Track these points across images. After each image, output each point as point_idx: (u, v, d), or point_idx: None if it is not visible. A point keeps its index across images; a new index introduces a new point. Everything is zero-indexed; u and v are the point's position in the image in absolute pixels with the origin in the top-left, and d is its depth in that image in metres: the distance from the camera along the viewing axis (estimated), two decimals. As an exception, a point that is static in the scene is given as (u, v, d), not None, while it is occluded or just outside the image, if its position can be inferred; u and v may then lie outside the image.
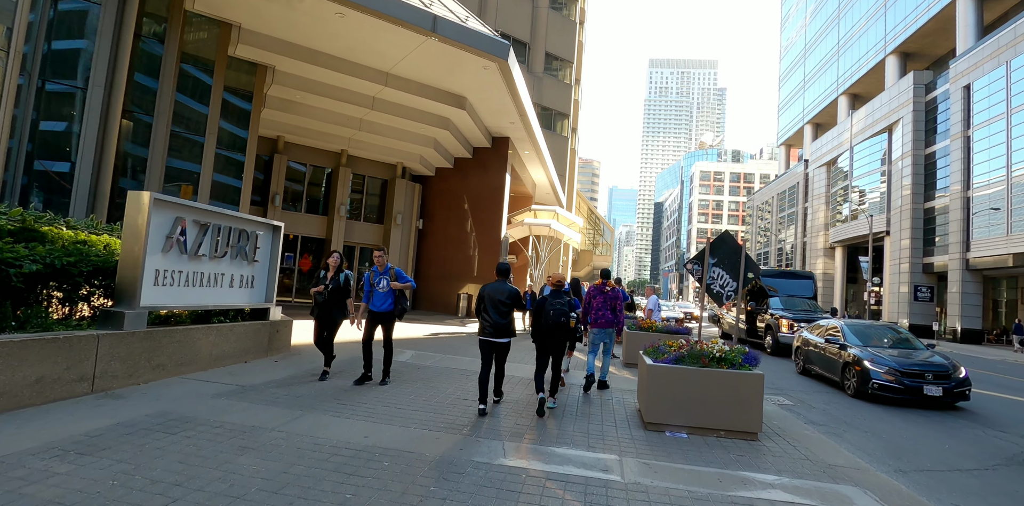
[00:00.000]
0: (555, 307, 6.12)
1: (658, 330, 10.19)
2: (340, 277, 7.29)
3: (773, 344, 15.13)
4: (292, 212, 18.26)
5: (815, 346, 11.10)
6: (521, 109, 17.98)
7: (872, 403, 8.83)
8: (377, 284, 6.98)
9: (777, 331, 15.03)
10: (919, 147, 37.59)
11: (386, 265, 7.07)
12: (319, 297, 7.21)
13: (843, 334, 10.30)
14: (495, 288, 6.13)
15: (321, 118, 16.68)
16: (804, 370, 11.63)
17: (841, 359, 9.87)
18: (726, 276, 8.30)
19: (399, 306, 7.09)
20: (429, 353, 9.84)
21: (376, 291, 7.00)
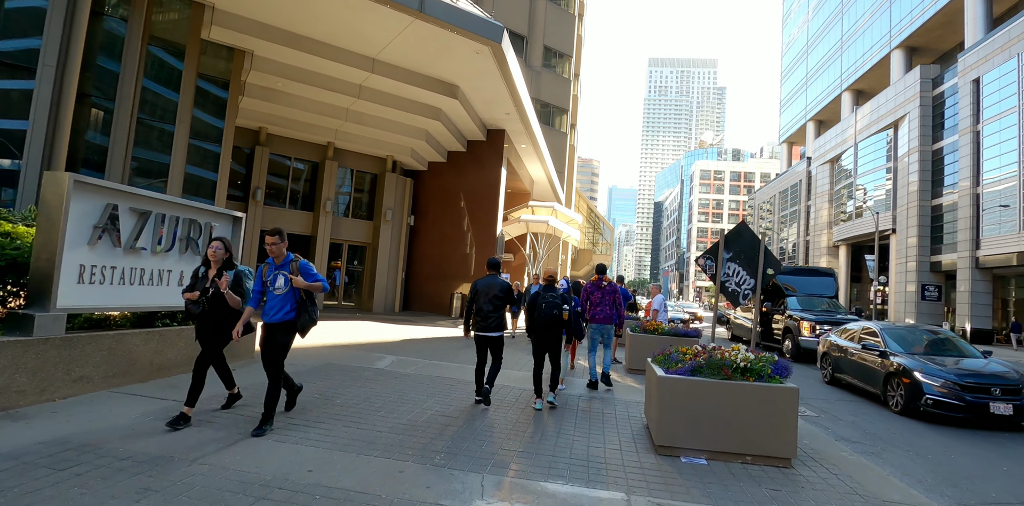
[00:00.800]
0: (548, 300, 6.14)
1: (664, 333, 9.27)
2: (228, 276, 4.79)
3: (793, 349, 13.79)
4: (276, 208, 17.34)
5: (847, 352, 9.74)
6: (517, 99, 17.07)
7: (907, 415, 7.82)
8: (272, 283, 4.68)
9: (798, 334, 13.63)
10: (926, 143, 36.69)
11: (286, 255, 4.78)
12: (193, 307, 4.78)
13: (883, 339, 8.93)
14: (487, 282, 6.16)
15: (305, 108, 15.76)
16: (833, 379, 10.26)
17: (883, 369, 8.47)
18: (743, 273, 7.39)
19: (304, 316, 4.72)
20: (412, 359, 8.92)
21: (270, 293, 4.68)
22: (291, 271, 4.68)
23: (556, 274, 6.64)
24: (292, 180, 17.80)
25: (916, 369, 7.78)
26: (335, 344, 9.91)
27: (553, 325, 6.15)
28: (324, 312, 16.66)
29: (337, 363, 7.91)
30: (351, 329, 12.53)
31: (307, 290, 4.72)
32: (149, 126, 11.81)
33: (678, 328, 9.34)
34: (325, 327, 12.38)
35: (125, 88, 11.05)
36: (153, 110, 11.99)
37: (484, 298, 6.07)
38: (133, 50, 11.16)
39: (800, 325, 13.69)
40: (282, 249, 4.77)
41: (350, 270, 19.23)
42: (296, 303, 4.71)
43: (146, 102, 11.77)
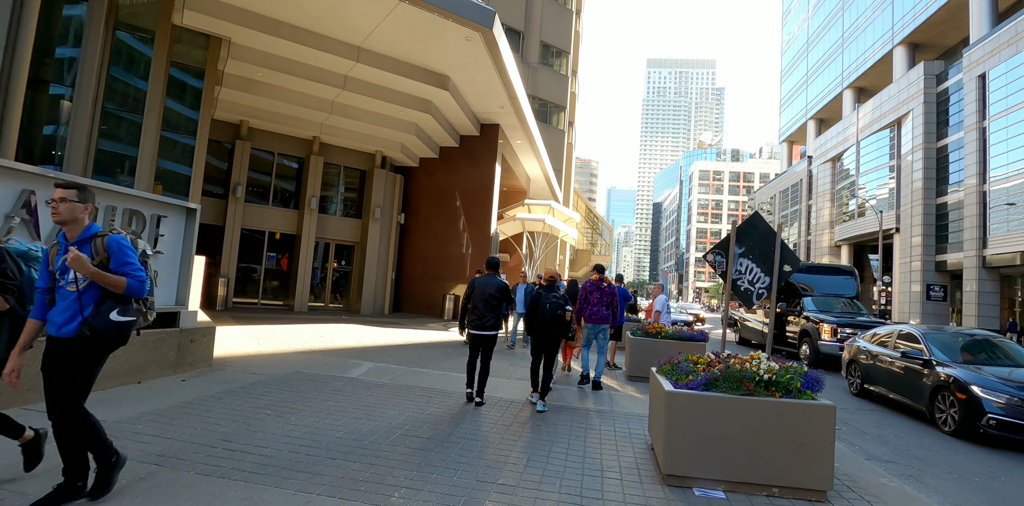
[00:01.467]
0: (551, 301, 6.14)
1: (668, 336, 8.49)
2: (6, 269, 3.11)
3: (812, 354, 12.65)
4: (258, 205, 16.55)
5: (880, 360, 8.57)
6: (511, 90, 16.30)
7: (961, 438, 6.69)
8: (62, 274, 2.91)
9: (817, 338, 12.45)
10: (931, 140, 36.01)
11: (88, 226, 3.00)
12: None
13: (926, 346, 7.76)
14: (485, 281, 6.22)
15: (288, 99, 14.99)
16: (862, 391, 9.07)
17: (929, 381, 7.27)
18: (756, 270, 6.61)
19: (103, 322, 2.87)
20: (391, 366, 8.12)
21: (61, 290, 2.93)
22: (93, 253, 2.89)
23: (558, 274, 6.62)
24: (276, 176, 17.01)
25: (973, 383, 6.60)
26: (310, 350, 9.12)
27: (555, 326, 6.14)
28: (309, 315, 15.89)
29: (306, 371, 7.12)
30: (332, 333, 11.74)
31: (109, 287, 2.87)
32: (115, 116, 11.03)
33: (683, 331, 8.57)
34: (304, 331, 11.61)
35: (86, 75, 10.27)
36: (120, 99, 11.22)
37: (480, 297, 6.13)
38: (95, 34, 10.37)
39: (819, 328, 12.51)
40: (77, 212, 2.93)
41: (338, 270, 18.44)
42: (97, 304, 2.89)
43: (111, 91, 11.00)
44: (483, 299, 6.11)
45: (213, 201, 15.84)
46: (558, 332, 6.19)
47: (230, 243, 15.49)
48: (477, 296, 6.15)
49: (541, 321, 6.14)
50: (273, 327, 11.79)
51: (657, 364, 4.96)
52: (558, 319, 6.13)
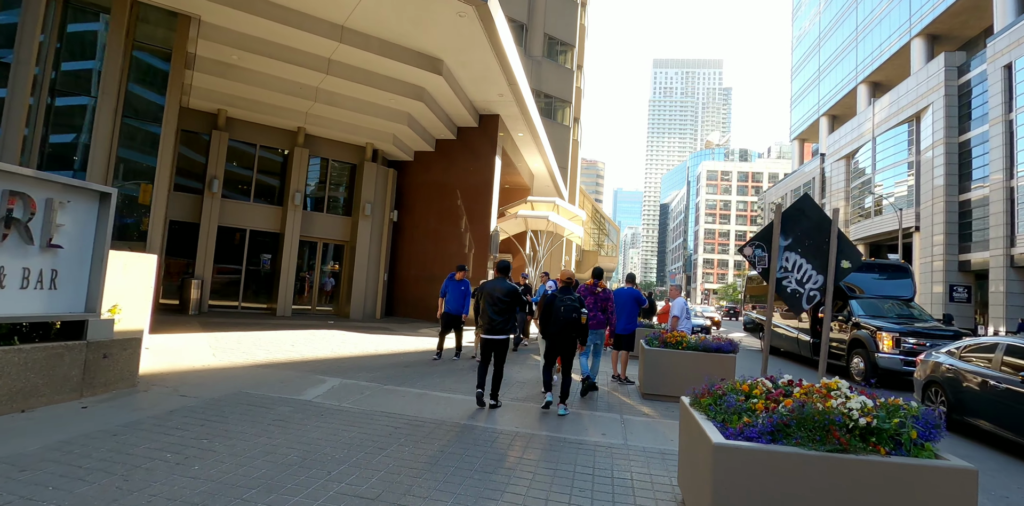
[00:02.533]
0: (565, 303, 6.02)
1: (691, 347, 7.16)
2: None
3: (867, 369, 10.46)
4: (237, 201, 15.32)
5: (986, 385, 6.33)
6: (510, 76, 15.03)
7: None
8: None
9: (874, 350, 10.26)
10: (952, 134, 34.46)
11: None
12: None
13: None
14: (494, 285, 6.15)
15: (268, 86, 13.78)
16: (950, 421, 6.90)
17: None
18: (807, 266, 5.30)
19: None
20: (362, 383, 6.84)
21: None
22: None
23: (574, 277, 6.46)
24: (258, 170, 15.78)
25: None
26: (273, 362, 7.86)
27: (570, 328, 6.00)
28: (292, 319, 14.65)
29: (252, 392, 5.85)
30: (308, 340, 10.48)
31: None
32: (62, 99, 9.82)
33: (708, 341, 7.23)
34: (277, 338, 10.36)
35: (25, 50, 9.09)
36: (69, 81, 10.03)
37: (489, 301, 6.05)
38: (35, 6, 9.20)
39: (877, 337, 10.34)
40: None
41: (326, 271, 17.20)
42: None
43: (59, 71, 9.81)
44: (492, 303, 6.02)
45: (188, 196, 14.64)
46: (573, 335, 6.02)
47: (206, 242, 14.27)
48: (486, 300, 6.07)
49: (556, 324, 5.99)
50: (243, 334, 10.54)
51: (691, 393, 3.65)
52: (573, 322, 5.96)
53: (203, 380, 6.28)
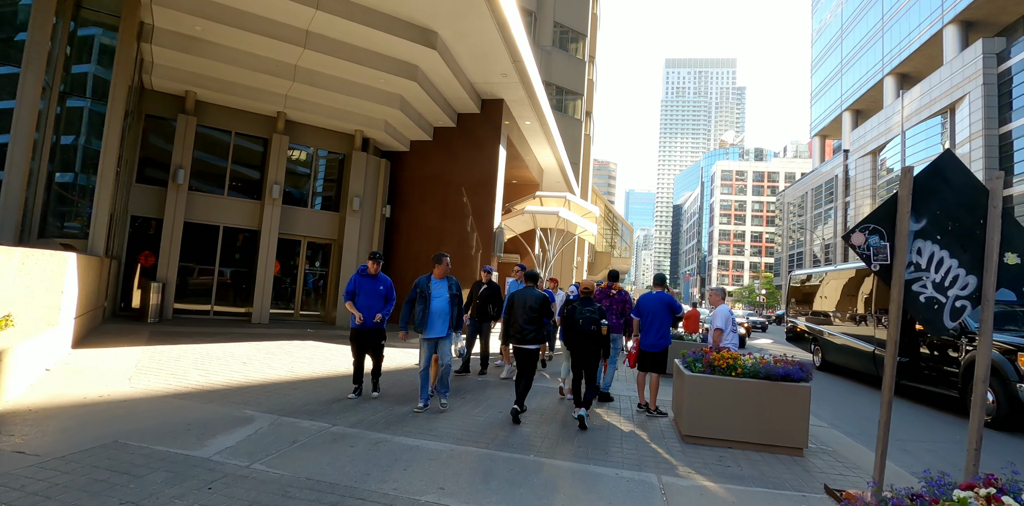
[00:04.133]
0: (585, 315, 5.92)
1: (747, 373, 5.31)
2: None
3: (1003, 407, 7.40)
4: (207, 194, 13.61)
5: None
6: (514, 51, 13.27)
7: None
8: None
9: (1016, 379, 7.22)
10: (991, 126, 32.25)
11: None
12: None
13: None
14: (524, 294, 6.18)
15: (239, 63, 12.11)
16: None
17: None
18: (950, 262, 3.43)
19: None
20: (303, 424, 5.06)
21: None
22: None
23: (593, 287, 6.33)
24: (233, 160, 14.09)
25: None
26: (200, 389, 6.12)
27: (590, 340, 5.88)
28: (267, 327, 12.95)
29: (133, 443, 4.12)
30: (268, 357, 8.75)
31: None
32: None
33: (771, 365, 5.37)
34: (230, 354, 8.64)
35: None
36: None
37: (519, 310, 6.08)
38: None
39: (1020, 361, 7.21)
40: None
41: (310, 273, 15.49)
42: None
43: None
44: (522, 312, 6.05)
45: (149, 189, 13.01)
46: (593, 347, 5.88)
47: (170, 239, 12.61)
48: (516, 309, 6.11)
49: (576, 337, 5.92)
50: (191, 348, 8.83)
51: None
52: (593, 334, 5.86)
53: (79, 420, 4.56)
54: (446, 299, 5.93)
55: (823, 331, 13.07)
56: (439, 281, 5.99)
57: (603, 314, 5.98)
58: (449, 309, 5.93)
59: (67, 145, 10.21)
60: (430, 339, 5.89)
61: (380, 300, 6.30)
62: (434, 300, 5.86)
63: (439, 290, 5.92)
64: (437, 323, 5.85)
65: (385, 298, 6.37)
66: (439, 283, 5.98)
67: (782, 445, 5.14)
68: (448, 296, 5.96)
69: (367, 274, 6.35)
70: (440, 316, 5.86)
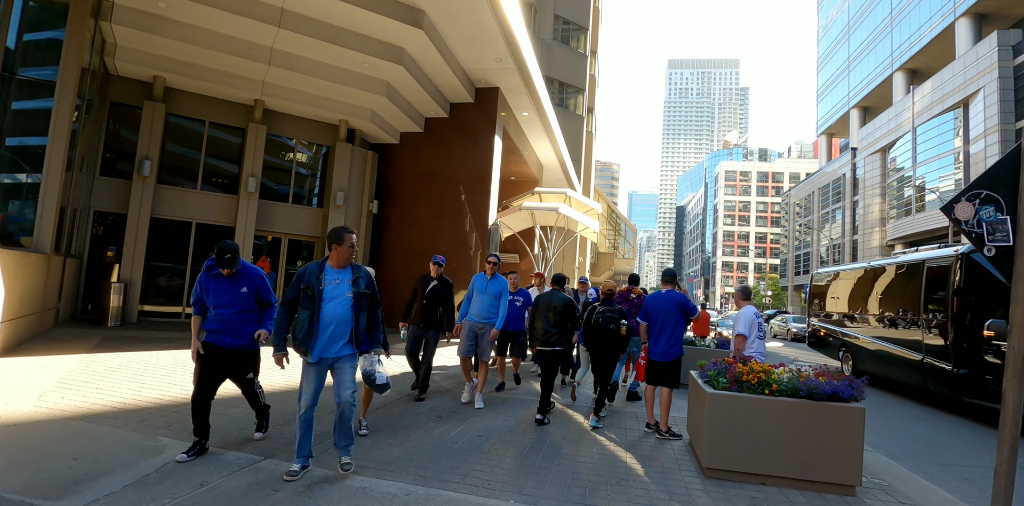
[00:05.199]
0: (604, 315, 5.91)
1: (783, 390, 4.27)
2: None
3: None
4: (177, 188, 12.59)
5: None
6: (509, 34, 12.28)
7: None
8: None
9: None
10: (1008, 120, 31.09)
11: None
12: None
13: None
14: (549, 297, 6.12)
15: (210, 44, 11.15)
16: None
17: None
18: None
19: None
20: (226, 457, 4.04)
21: None
22: None
23: (615, 288, 6.38)
24: (207, 152, 13.10)
25: None
26: (122, 407, 5.12)
27: (607, 340, 5.86)
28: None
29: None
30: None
31: None
32: None
33: (813, 381, 4.32)
34: (181, 362, 7.64)
35: None
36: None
37: (543, 314, 6.05)
38: None
39: None
40: None
41: (292, 272, 14.48)
42: None
43: None
44: (544, 315, 6.03)
45: (115, 182, 12.03)
46: (610, 346, 5.87)
47: (135, 236, 11.62)
48: (540, 312, 6.09)
49: (593, 336, 5.92)
50: (136, 356, 7.83)
51: None
52: (611, 333, 5.82)
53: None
54: (347, 301, 3.83)
55: (855, 336, 11.70)
56: (338, 272, 3.88)
57: (623, 314, 5.90)
58: (352, 316, 3.84)
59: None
60: (319, 363, 3.82)
61: (247, 305, 4.17)
62: (327, 303, 3.78)
63: (336, 286, 3.83)
64: (329, 337, 3.79)
65: (261, 302, 4.28)
66: (337, 274, 3.87)
67: (829, 481, 4.10)
68: (350, 295, 3.85)
69: (215, 273, 4.11)
70: (336, 326, 3.80)
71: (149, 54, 11.45)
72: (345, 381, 3.85)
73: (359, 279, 3.92)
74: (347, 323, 3.84)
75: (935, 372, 8.46)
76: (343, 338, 3.85)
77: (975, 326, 7.83)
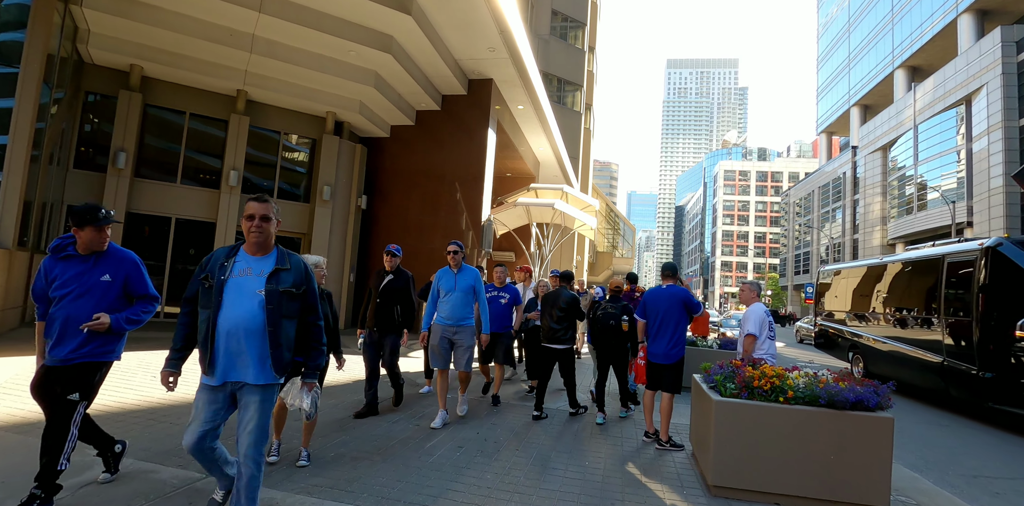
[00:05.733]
0: (607, 311, 5.89)
1: (800, 396, 3.75)
2: None
3: None
4: (155, 182, 12.04)
5: None
6: (501, 21, 11.78)
7: None
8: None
9: None
10: (1011, 117, 30.67)
11: None
12: None
13: None
14: (554, 294, 6.10)
15: (188, 31, 10.62)
16: None
17: None
18: None
19: None
20: (163, 473, 3.53)
21: None
22: None
23: (623, 285, 6.43)
24: (187, 145, 12.57)
25: None
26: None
27: (610, 336, 5.81)
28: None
29: None
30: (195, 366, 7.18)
31: None
32: None
33: (834, 387, 3.81)
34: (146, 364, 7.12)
35: None
36: None
37: (548, 310, 6.00)
38: None
39: None
40: None
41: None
42: None
43: None
44: (549, 311, 5.98)
45: (90, 175, 11.51)
46: (613, 342, 5.80)
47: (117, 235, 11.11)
48: (546, 309, 6.03)
49: (598, 333, 5.92)
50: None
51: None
52: (612, 329, 5.79)
53: None
54: (256, 300, 2.65)
55: (866, 336, 11.03)
56: (256, 260, 2.75)
57: (627, 310, 5.82)
58: (263, 323, 2.64)
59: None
60: (221, 388, 2.67)
61: (106, 300, 3.04)
62: (227, 300, 2.63)
63: (245, 278, 2.69)
64: (226, 352, 2.62)
65: (130, 297, 3.19)
66: (253, 263, 2.74)
67: (852, 502, 3.60)
68: (262, 293, 2.67)
69: (67, 254, 3.03)
70: (237, 337, 2.61)
71: (125, 41, 10.92)
72: (249, 426, 2.59)
73: (282, 272, 2.71)
74: (256, 333, 2.60)
75: (957, 375, 7.86)
76: (249, 355, 2.60)
77: (1003, 326, 7.19)
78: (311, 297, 2.83)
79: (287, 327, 2.71)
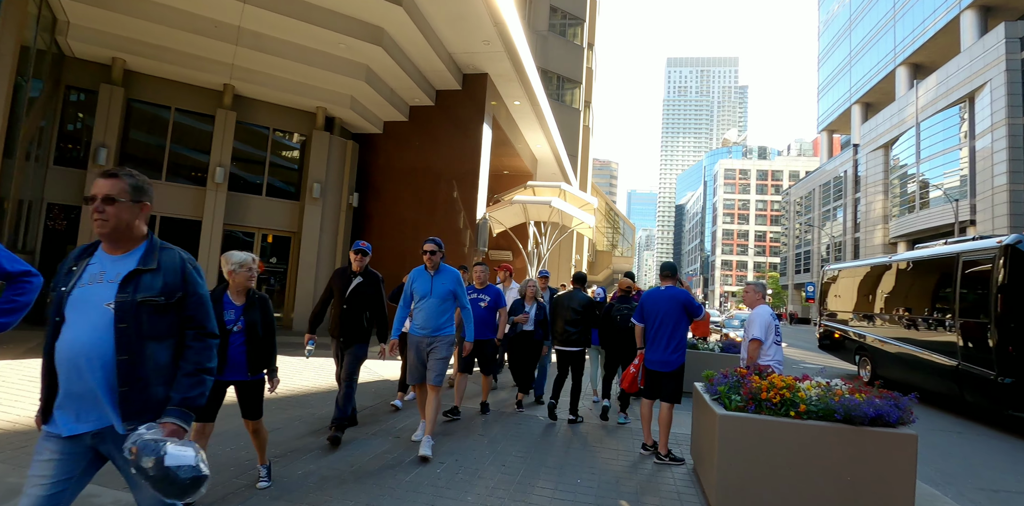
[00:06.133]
0: (621, 312, 6.01)
1: (813, 409, 3.40)
2: None
3: None
4: (144, 179, 11.77)
5: None
6: (496, 14, 11.42)
7: None
8: None
9: None
10: (1016, 114, 30.29)
11: None
12: None
13: None
14: (569, 296, 6.08)
15: (171, 22, 10.27)
16: None
17: None
18: None
19: None
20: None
21: None
22: None
23: (633, 286, 6.46)
24: (173, 140, 12.20)
25: None
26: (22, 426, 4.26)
27: (627, 336, 5.80)
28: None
29: None
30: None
31: None
32: None
33: (850, 400, 3.45)
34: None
35: None
36: None
37: (562, 313, 5.99)
38: None
39: None
40: None
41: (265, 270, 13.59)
42: None
43: None
44: (563, 314, 5.97)
45: (71, 172, 11.15)
46: (629, 344, 5.69)
47: (90, 231, 10.76)
48: (560, 313, 6.01)
49: (611, 333, 6.07)
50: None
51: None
52: (629, 331, 5.68)
53: None
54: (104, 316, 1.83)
55: (874, 338, 10.58)
56: (115, 260, 1.94)
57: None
58: (113, 349, 1.81)
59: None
60: (73, 441, 1.86)
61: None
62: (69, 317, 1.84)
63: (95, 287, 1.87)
64: (67, 394, 1.84)
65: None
66: (111, 265, 1.92)
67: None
68: (111, 307, 1.83)
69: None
70: (80, 369, 1.81)
71: (105, 33, 10.55)
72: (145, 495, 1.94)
73: (144, 275, 1.89)
74: (104, 365, 1.80)
75: (973, 380, 7.44)
76: (103, 396, 1.82)
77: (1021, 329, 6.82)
78: (193, 307, 1.96)
79: (155, 352, 1.86)
